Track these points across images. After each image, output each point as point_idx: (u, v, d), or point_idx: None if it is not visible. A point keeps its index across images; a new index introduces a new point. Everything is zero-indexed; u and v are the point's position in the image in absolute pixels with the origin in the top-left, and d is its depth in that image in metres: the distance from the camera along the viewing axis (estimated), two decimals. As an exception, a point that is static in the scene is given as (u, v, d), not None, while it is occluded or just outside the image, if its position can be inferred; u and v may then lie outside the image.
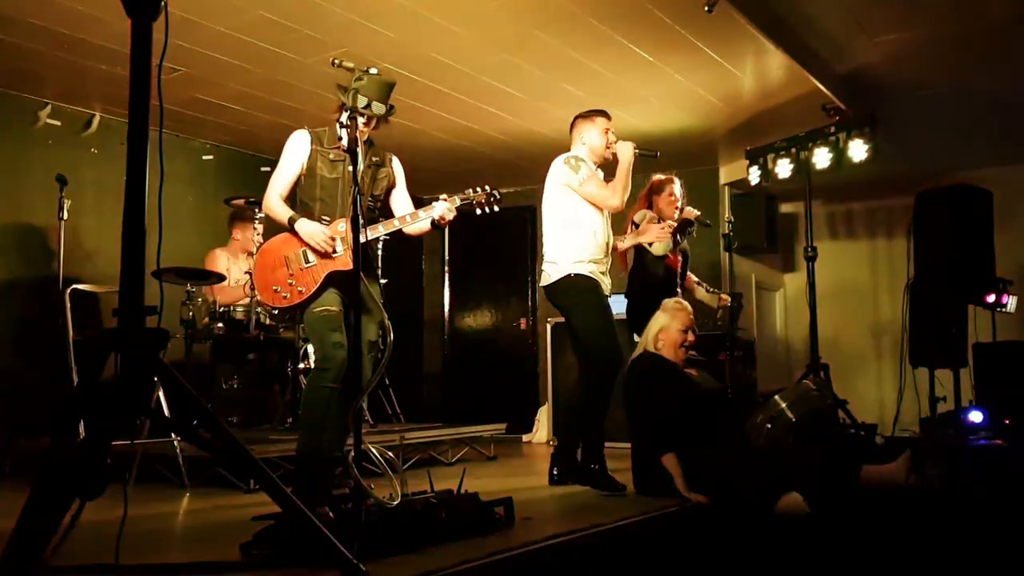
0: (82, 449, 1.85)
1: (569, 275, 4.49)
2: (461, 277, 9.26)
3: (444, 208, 3.88)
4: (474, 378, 9.00)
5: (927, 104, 6.46)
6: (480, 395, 8.84)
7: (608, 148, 4.65)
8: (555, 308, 4.70)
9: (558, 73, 5.71)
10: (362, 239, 3.79)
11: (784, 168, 6.82)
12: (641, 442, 4.13)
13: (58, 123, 6.05)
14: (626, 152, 4.56)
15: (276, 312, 5.14)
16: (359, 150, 3.84)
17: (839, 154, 6.47)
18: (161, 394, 4.43)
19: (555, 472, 4.59)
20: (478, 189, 3.97)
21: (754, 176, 7.07)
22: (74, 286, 5.03)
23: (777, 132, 6.80)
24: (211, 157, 7.08)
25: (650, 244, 5.20)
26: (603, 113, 4.73)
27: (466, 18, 4.86)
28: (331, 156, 3.91)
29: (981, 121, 6.84)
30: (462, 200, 3.94)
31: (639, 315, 4.77)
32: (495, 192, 3.98)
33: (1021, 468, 5.15)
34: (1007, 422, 6.08)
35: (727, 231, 7.00)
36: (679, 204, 5.43)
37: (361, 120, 3.84)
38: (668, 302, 4.38)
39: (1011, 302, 6.65)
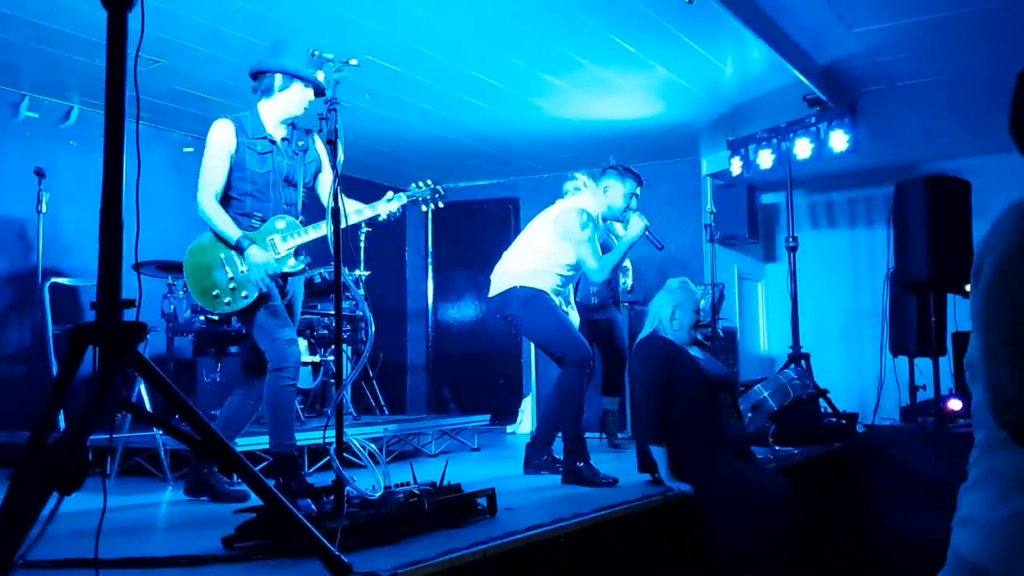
0: (61, 443, 1.84)
1: (515, 287, 4.44)
2: (444, 269, 9.25)
3: (390, 208, 3.83)
4: (457, 370, 9.00)
5: (906, 94, 6.50)
6: (463, 387, 8.84)
7: (624, 212, 4.58)
8: (503, 321, 4.60)
9: (540, 64, 5.71)
10: (302, 240, 3.78)
11: (765, 159, 6.86)
12: (641, 423, 4.10)
13: (36, 115, 5.99)
14: (636, 227, 4.44)
15: (216, 317, 5.03)
16: (277, 137, 3.81)
17: (820, 144, 6.51)
18: (143, 388, 4.42)
19: (530, 462, 4.63)
20: (422, 184, 3.89)
21: (736, 167, 7.10)
22: (53, 279, 5.00)
23: (758, 123, 6.84)
24: (192, 149, 7.03)
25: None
26: (638, 177, 4.70)
27: (448, 9, 4.85)
28: (259, 148, 3.77)
29: (959, 111, 6.89)
30: (409, 198, 3.87)
31: None
32: (439, 187, 3.91)
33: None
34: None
35: (709, 222, 7.04)
36: None
37: (310, 101, 3.80)
38: (674, 282, 4.26)
39: (989, 291, 6.70)
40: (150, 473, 4.54)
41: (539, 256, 4.50)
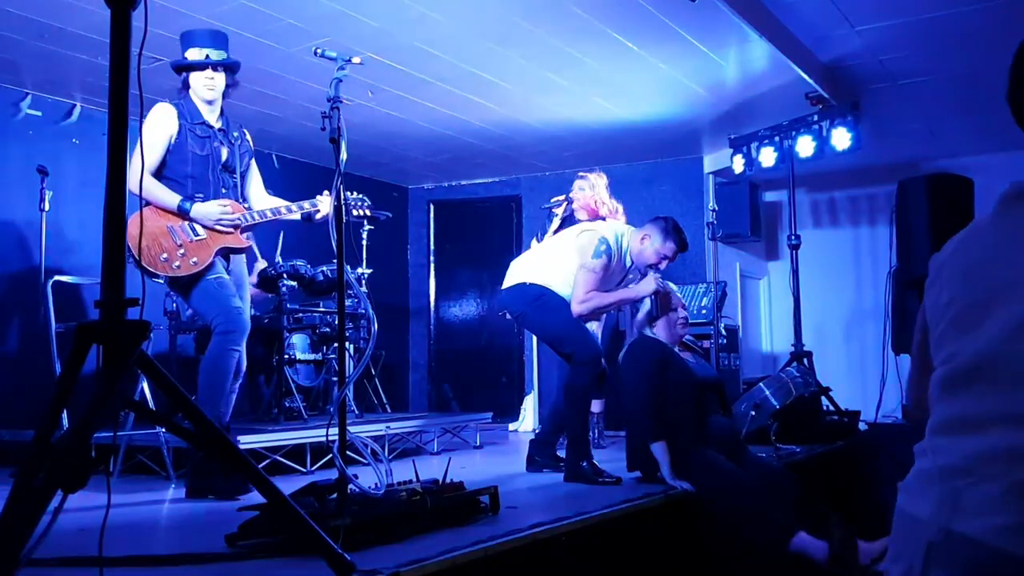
0: (64, 441, 1.84)
1: (524, 283, 4.41)
2: (446, 266, 9.26)
3: (328, 206, 3.89)
4: (459, 367, 9.01)
5: (909, 92, 6.50)
6: (465, 384, 8.85)
7: (648, 266, 4.30)
8: (512, 318, 4.60)
9: (543, 62, 5.70)
10: (253, 222, 3.95)
11: (768, 157, 6.85)
12: (634, 426, 4.13)
13: (39, 113, 6.00)
14: (645, 287, 4.21)
15: (160, 280, 5.06)
16: (212, 122, 3.93)
17: (822, 143, 6.50)
18: (145, 386, 4.42)
19: (533, 460, 4.63)
20: (354, 192, 4.05)
21: (738, 165, 7.09)
22: (56, 277, 5.00)
23: (761, 121, 6.83)
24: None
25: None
26: (682, 244, 4.33)
27: (450, 7, 4.85)
28: (199, 132, 3.90)
29: (962, 109, 6.88)
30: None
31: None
32: (364, 197, 4.13)
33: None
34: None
35: (711, 220, 7.04)
36: None
37: (211, 82, 3.90)
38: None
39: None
40: (153, 471, 4.55)
41: (556, 262, 4.43)
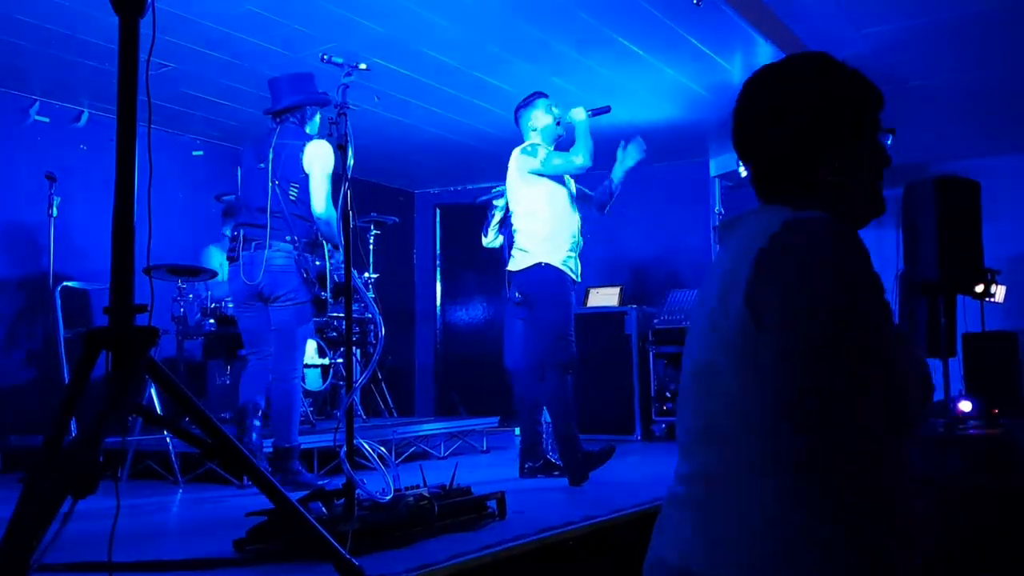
0: (74, 447, 1.85)
1: (540, 264, 4.44)
2: (452, 271, 9.26)
3: None
4: (466, 372, 9.00)
5: (915, 96, 6.48)
6: (472, 389, 8.84)
7: (558, 124, 4.68)
8: (520, 295, 4.64)
9: (547, 67, 5.71)
10: None
11: (774, 160, 6.85)
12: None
13: (47, 120, 6.02)
14: (579, 116, 4.58)
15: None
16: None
17: (829, 146, 6.49)
18: (153, 391, 4.44)
19: (526, 467, 4.63)
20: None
21: (744, 168, 7.09)
22: (64, 283, 5.02)
23: (767, 124, 6.83)
24: (201, 152, 7.06)
25: None
26: (539, 94, 4.75)
27: (455, 12, 4.86)
28: None
29: (969, 112, 6.86)
30: None
31: None
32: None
33: (1014, 456, 5.18)
34: (995, 412, 6.12)
35: (718, 224, 7.03)
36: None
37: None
38: None
39: (999, 292, 6.69)
40: (161, 476, 4.56)
41: (532, 219, 4.52)
